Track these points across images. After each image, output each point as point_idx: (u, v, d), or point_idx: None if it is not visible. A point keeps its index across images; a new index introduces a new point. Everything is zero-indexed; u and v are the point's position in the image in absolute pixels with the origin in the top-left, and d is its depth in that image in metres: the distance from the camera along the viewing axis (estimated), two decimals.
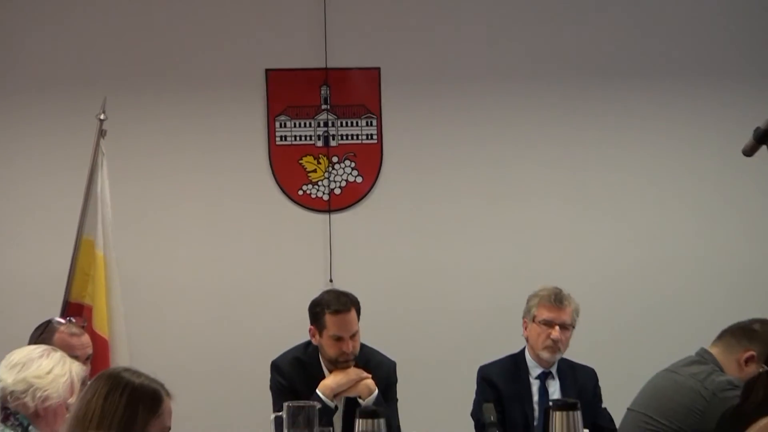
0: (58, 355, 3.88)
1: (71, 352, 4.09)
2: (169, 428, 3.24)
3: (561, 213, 6.11)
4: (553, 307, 4.84)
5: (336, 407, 4.63)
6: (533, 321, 4.86)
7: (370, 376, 4.71)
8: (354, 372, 4.65)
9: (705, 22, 6.26)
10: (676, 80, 6.16)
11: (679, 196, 6.15)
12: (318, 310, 4.74)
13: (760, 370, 3.82)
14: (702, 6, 6.25)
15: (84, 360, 4.29)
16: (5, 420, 3.68)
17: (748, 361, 4.14)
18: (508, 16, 6.17)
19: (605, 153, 6.17)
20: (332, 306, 4.72)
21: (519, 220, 6.07)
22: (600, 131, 6.15)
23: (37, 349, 3.94)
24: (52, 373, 3.80)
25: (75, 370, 3.86)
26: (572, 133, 6.11)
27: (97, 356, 4.90)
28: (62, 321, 4.70)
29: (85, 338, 4.64)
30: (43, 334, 4.45)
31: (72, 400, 3.67)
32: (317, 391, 4.61)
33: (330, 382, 4.64)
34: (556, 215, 6.11)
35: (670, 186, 6.14)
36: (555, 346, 4.84)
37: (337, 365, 4.64)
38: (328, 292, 4.98)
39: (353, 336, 4.67)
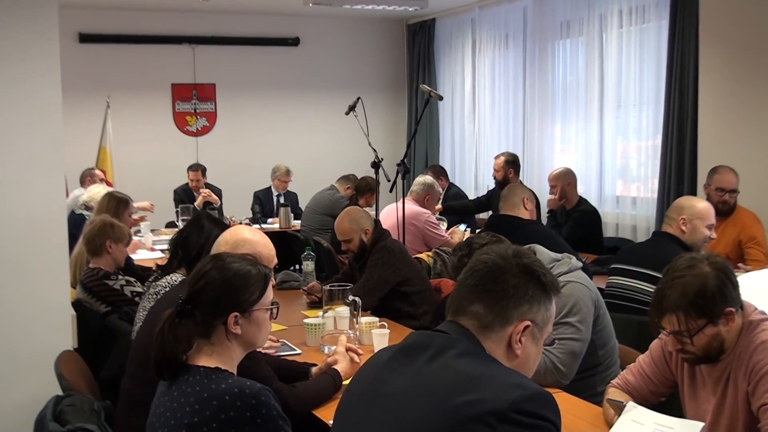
0: (95, 184, 8.24)
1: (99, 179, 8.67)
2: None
3: (283, 139, 11.34)
4: (286, 176, 10.30)
5: (198, 209, 10.19)
6: (278, 179, 10.29)
7: (209, 193, 10.13)
8: (203, 193, 10.14)
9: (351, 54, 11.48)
10: (332, 91, 11.38)
11: (323, 135, 11.55)
12: (188, 169, 10.06)
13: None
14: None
15: (99, 180, 8.83)
16: (87, 209, 6.66)
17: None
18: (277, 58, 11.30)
19: (300, 117, 11.40)
20: (192, 168, 10.05)
21: (275, 139, 11.30)
22: (293, 111, 11.42)
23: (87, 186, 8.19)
24: (94, 190, 7.02)
25: (103, 186, 7.95)
26: (289, 111, 11.45)
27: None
28: (91, 171, 9.46)
29: (100, 174, 9.39)
30: (87, 175, 9.09)
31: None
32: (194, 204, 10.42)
33: (197, 201, 10.26)
34: (283, 139, 11.36)
35: (320, 130, 11.54)
36: (284, 186, 10.31)
37: (195, 192, 10.21)
38: (194, 163, 10.34)
39: (200, 180, 10.10)
